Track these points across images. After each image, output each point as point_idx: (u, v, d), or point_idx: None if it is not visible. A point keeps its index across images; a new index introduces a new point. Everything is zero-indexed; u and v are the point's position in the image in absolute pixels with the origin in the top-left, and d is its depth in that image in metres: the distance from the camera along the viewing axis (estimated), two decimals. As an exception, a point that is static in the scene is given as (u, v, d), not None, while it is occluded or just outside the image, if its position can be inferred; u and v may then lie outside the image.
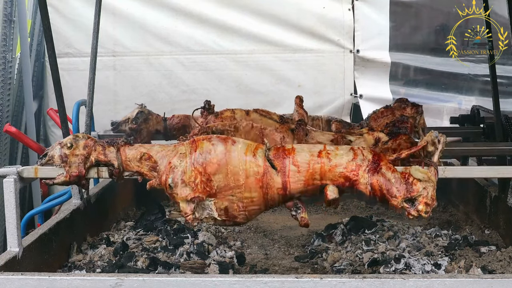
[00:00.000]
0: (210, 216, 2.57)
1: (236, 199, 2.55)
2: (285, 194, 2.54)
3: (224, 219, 2.58)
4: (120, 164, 2.63)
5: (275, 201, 2.56)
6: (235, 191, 2.54)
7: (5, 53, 5.19)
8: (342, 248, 3.46)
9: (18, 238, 2.67)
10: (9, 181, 2.64)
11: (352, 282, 2.30)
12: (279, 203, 2.58)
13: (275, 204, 2.58)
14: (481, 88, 5.58)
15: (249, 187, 2.54)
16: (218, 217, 2.56)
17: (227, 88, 5.68)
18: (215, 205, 2.56)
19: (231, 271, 3.12)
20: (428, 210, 2.43)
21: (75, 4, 5.59)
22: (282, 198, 2.55)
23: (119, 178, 2.65)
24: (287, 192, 2.53)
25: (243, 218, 2.60)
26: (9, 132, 3.91)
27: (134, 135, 3.93)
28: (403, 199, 2.43)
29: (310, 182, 2.51)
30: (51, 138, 5.76)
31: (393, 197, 2.44)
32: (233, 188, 2.54)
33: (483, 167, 3.50)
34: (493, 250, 3.28)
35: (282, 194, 2.54)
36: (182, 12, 5.61)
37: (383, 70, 5.67)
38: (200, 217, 2.57)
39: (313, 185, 2.51)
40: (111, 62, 5.63)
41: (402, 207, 2.44)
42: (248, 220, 2.62)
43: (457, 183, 4.26)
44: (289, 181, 2.50)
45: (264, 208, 2.59)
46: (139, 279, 2.34)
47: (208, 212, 2.57)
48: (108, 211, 3.96)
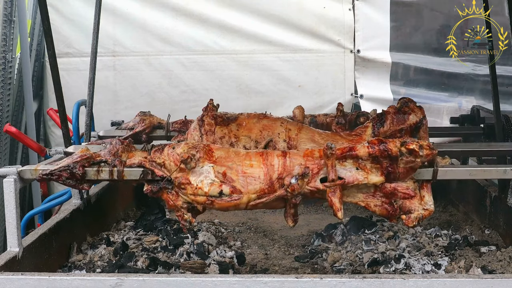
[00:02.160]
0: (206, 181, 2.59)
1: (235, 164, 2.65)
2: (284, 156, 2.66)
3: (222, 181, 2.61)
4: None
5: (274, 168, 2.63)
6: (235, 159, 2.66)
7: (5, 53, 5.19)
8: (342, 248, 3.46)
9: (18, 238, 2.67)
10: (9, 181, 2.64)
11: (352, 282, 2.30)
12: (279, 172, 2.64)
13: (274, 173, 2.63)
14: (481, 88, 5.57)
15: (249, 156, 2.68)
16: (215, 177, 2.60)
17: (227, 88, 5.68)
18: (213, 169, 2.62)
19: (231, 271, 3.12)
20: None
21: (75, 4, 5.59)
22: (283, 163, 2.63)
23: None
24: (286, 156, 2.66)
25: (241, 185, 2.62)
26: (9, 132, 3.92)
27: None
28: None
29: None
30: (51, 138, 5.77)
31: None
32: (234, 158, 2.67)
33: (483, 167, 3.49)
34: (493, 250, 3.27)
35: (282, 156, 2.66)
36: (182, 12, 5.61)
37: (384, 70, 5.66)
38: (195, 182, 2.60)
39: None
40: (111, 62, 5.63)
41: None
42: (246, 192, 2.63)
43: (457, 183, 4.26)
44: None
45: (263, 178, 2.62)
46: (139, 279, 2.35)
47: (205, 177, 2.60)
48: (108, 211, 3.96)
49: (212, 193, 2.62)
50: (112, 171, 2.69)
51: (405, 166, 2.60)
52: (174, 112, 4.76)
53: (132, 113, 5.19)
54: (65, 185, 2.74)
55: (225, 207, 2.65)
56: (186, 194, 2.63)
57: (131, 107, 5.56)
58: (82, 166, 2.67)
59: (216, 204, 2.63)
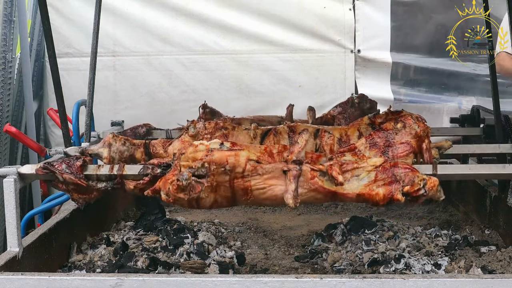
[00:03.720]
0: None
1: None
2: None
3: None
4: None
5: (275, 147, 2.76)
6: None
7: (5, 53, 5.19)
8: (342, 248, 3.46)
9: (18, 238, 2.67)
10: (9, 181, 2.64)
11: (352, 282, 2.30)
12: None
13: (274, 148, 2.75)
14: (481, 88, 5.57)
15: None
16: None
17: (228, 88, 5.67)
18: (218, 139, 2.75)
19: (231, 271, 3.12)
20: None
21: (75, 4, 5.58)
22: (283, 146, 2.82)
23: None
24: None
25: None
26: (9, 132, 3.91)
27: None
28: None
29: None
30: (51, 138, 5.76)
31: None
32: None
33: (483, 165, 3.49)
34: (493, 250, 3.27)
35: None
36: (182, 12, 5.60)
37: (385, 70, 5.65)
38: (198, 142, 2.66)
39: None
40: (111, 62, 5.62)
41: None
42: (246, 148, 2.70)
43: (457, 183, 4.26)
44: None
45: (263, 148, 2.74)
46: (139, 279, 2.35)
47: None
48: (108, 211, 3.96)
49: (213, 145, 2.63)
50: (113, 166, 2.70)
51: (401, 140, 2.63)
52: (174, 112, 4.77)
53: (132, 113, 5.22)
54: (66, 190, 2.75)
55: (225, 159, 2.62)
56: (185, 157, 2.62)
57: (131, 107, 5.57)
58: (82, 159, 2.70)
59: (216, 154, 2.61)
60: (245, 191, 2.66)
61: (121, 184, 2.77)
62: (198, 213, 4.28)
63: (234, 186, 2.65)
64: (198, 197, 2.62)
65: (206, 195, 2.63)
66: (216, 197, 2.66)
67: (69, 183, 2.78)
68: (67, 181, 2.75)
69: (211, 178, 2.60)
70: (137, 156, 3.24)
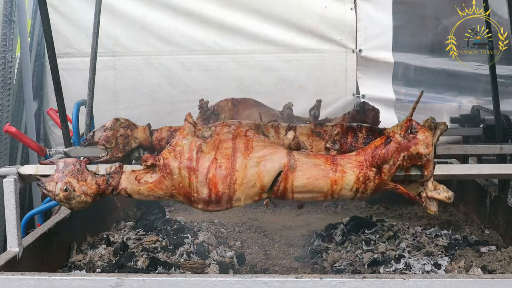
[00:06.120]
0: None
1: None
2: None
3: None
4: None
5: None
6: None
7: (5, 53, 5.19)
8: (342, 248, 3.46)
9: (18, 238, 2.67)
10: (9, 181, 2.64)
11: (352, 282, 2.30)
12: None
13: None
14: (481, 88, 5.56)
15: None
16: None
17: (228, 88, 5.66)
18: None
19: (231, 271, 3.12)
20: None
21: (75, 4, 5.58)
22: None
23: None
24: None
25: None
26: (9, 132, 3.92)
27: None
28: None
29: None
30: (51, 138, 5.76)
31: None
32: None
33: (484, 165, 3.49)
34: (493, 250, 3.28)
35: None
36: (182, 12, 5.60)
37: (386, 70, 5.63)
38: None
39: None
40: (111, 62, 5.63)
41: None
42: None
43: (457, 183, 4.25)
44: None
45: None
46: (139, 279, 2.35)
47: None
48: (108, 211, 3.96)
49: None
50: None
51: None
52: (174, 112, 4.76)
53: (132, 113, 5.19)
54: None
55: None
56: (181, 133, 2.62)
57: (131, 107, 5.56)
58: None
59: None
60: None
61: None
62: (198, 213, 4.28)
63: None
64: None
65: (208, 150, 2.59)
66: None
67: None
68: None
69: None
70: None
